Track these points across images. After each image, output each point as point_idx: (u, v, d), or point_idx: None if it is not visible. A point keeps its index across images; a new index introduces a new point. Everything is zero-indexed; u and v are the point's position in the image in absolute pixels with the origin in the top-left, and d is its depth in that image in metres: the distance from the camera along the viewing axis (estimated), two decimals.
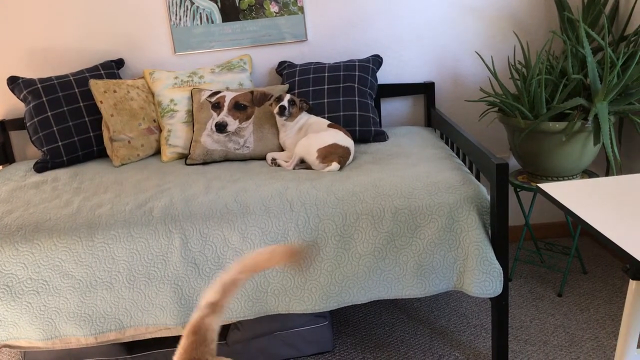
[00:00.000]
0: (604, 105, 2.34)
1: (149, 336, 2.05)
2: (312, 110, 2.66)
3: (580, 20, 2.48)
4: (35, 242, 1.98)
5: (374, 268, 2.00)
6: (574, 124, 2.37)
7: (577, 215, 1.34)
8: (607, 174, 2.95)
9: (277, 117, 2.55)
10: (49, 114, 2.66)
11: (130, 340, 2.07)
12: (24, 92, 2.70)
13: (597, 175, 2.73)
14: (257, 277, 2.00)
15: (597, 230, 1.25)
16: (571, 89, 2.46)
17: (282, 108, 2.49)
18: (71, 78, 2.76)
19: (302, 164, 2.41)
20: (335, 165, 2.29)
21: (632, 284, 1.40)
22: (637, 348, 1.47)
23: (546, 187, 1.53)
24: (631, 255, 1.12)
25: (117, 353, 2.23)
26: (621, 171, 2.88)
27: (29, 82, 2.72)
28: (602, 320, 2.44)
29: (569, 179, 2.59)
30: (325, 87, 2.72)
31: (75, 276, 1.98)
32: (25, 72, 2.98)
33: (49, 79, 2.74)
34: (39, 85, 2.70)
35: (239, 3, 2.92)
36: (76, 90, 2.73)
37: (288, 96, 2.52)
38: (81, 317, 1.99)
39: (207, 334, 1.21)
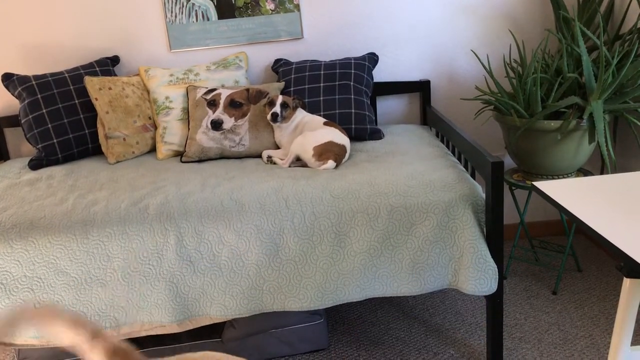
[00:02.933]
0: (599, 103, 2.35)
1: (144, 334, 2.04)
2: (305, 107, 2.65)
3: (575, 19, 2.49)
4: (29, 239, 1.98)
5: (369, 266, 2.01)
6: (569, 122, 2.38)
7: (571, 214, 1.34)
8: (601, 173, 2.97)
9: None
10: (44, 111, 2.65)
11: (126, 337, 2.06)
12: (19, 89, 2.69)
13: (591, 174, 2.74)
14: (252, 275, 2.00)
15: (591, 229, 1.25)
16: (566, 87, 2.46)
17: (275, 115, 2.47)
18: (66, 75, 2.75)
19: (298, 161, 2.41)
20: (331, 163, 2.29)
21: (627, 281, 1.41)
22: (631, 345, 1.48)
23: (541, 185, 1.53)
24: (625, 253, 1.12)
25: None
26: (616, 170, 2.89)
27: (23, 79, 2.70)
28: (596, 318, 2.45)
29: (563, 178, 2.60)
30: (321, 85, 2.72)
31: (70, 274, 1.98)
32: (20, 69, 2.97)
33: (44, 75, 2.72)
34: (33, 82, 2.69)
35: (234, 0, 2.91)
36: (71, 87, 2.72)
37: (280, 99, 2.50)
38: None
39: (122, 345, 1.09)
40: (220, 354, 1.17)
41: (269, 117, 2.49)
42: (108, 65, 2.88)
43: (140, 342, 2.24)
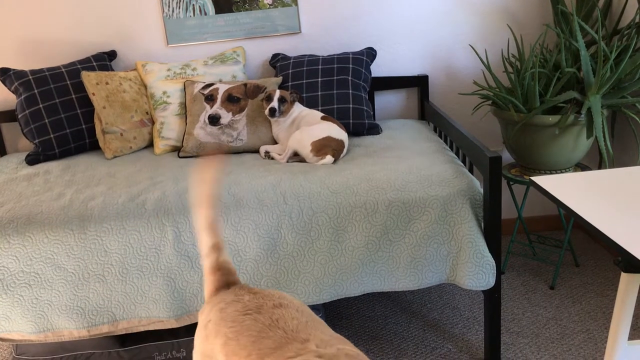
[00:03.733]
0: (597, 98, 2.35)
1: (142, 329, 2.04)
2: (303, 101, 2.65)
3: (574, 14, 2.48)
4: (27, 234, 1.97)
5: (367, 261, 2.01)
6: (567, 117, 2.38)
7: (569, 208, 1.34)
8: (599, 167, 2.97)
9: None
10: (41, 105, 2.64)
11: (123, 333, 2.06)
12: (15, 83, 2.68)
13: (589, 169, 2.74)
14: (250, 270, 2.00)
15: (589, 223, 1.25)
16: (564, 82, 2.46)
17: (272, 110, 2.47)
18: (63, 70, 2.74)
19: (296, 156, 2.41)
20: (329, 158, 2.29)
21: (624, 276, 1.41)
22: (628, 340, 1.48)
23: (539, 180, 1.53)
24: (623, 248, 1.12)
25: (110, 346, 2.23)
26: (613, 164, 2.89)
27: (20, 74, 2.69)
28: (594, 312, 2.45)
29: (561, 172, 2.60)
30: (319, 79, 2.72)
31: (68, 269, 1.97)
32: (17, 64, 2.95)
33: (41, 70, 2.71)
34: (30, 77, 2.68)
35: None
36: (68, 82, 2.71)
37: (278, 93, 2.50)
38: (73, 310, 1.99)
39: (227, 266, 1.43)
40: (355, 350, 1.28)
41: (266, 111, 2.49)
42: (105, 60, 2.87)
43: (139, 337, 2.24)
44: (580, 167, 2.71)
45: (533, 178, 1.54)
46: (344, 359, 1.10)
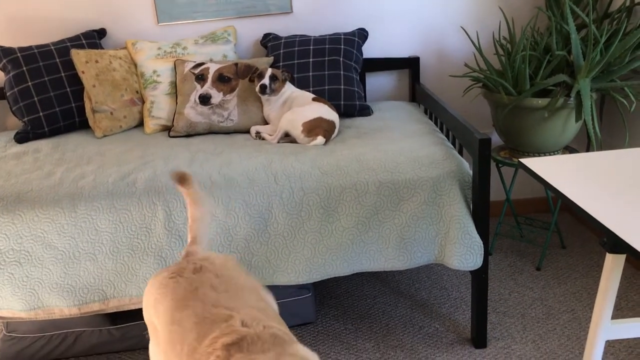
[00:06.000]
0: (587, 82, 2.36)
1: (132, 307, 2.06)
2: (294, 80, 2.65)
3: None
4: (17, 213, 1.97)
5: (357, 241, 2.03)
6: (557, 100, 2.39)
7: (557, 190, 1.36)
8: (587, 150, 2.99)
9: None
10: (30, 83, 2.62)
11: (114, 311, 2.07)
12: (4, 61, 2.65)
13: (577, 151, 2.76)
14: (241, 249, 2.01)
15: (576, 204, 1.27)
16: (555, 65, 2.47)
17: (263, 87, 2.46)
18: (52, 47, 2.71)
19: (287, 137, 2.41)
20: (320, 139, 2.29)
21: (609, 257, 1.44)
22: (612, 320, 1.51)
23: (527, 162, 1.55)
24: (609, 229, 1.15)
25: (100, 324, 2.24)
26: (601, 147, 2.92)
27: (8, 51, 2.66)
28: (579, 293, 2.49)
29: (550, 155, 2.62)
30: (311, 60, 2.71)
31: (58, 247, 1.98)
32: (5, 41, 2.92)
33: (29, 48, 2.68)
34: (18, 54, 2.65)
35: None
36: (57, 60, 2.68)
37: (269, 71, 2.49)
38: (64, 288, 1.99)
39: (191, 253, 1.53)
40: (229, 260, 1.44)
41: (257, 89, 2.48)
42: (94, 38, 2.84)
43: (129, 315, 2.26)
44: (569, 149, 2.73)
45: (522, 160, 1.56)
46: (268, 339, 1.10)
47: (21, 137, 2.61)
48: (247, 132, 2.60)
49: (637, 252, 1.06)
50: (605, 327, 1.50)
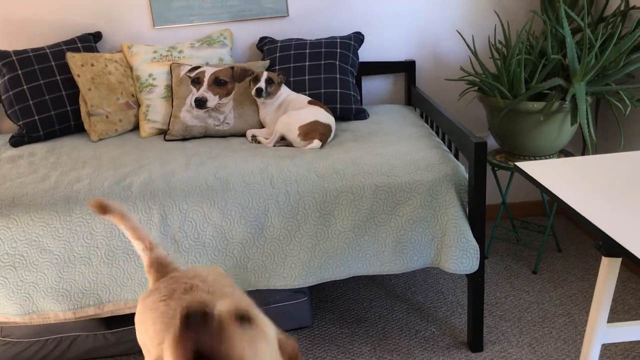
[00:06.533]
0: (582, 85, 2.37)
1: (128, 311, 2.05)
2: (289, 83, 2.65)
3: (560, 1, 2.49)
4: (11, 216, 1.96)
5: (353, 244, 2.02)
6: (552, 104, 2.40)
7: (552, 193, 1.36)
8: (583, 154, 3.00)
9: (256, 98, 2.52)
10: (25, 87, 2.61)
11: (110, 315, 2.07)
12: None
13: (573, 155, 2.77)
14: (237, 253, 2.00)
15: (572, 208, 1.27)
16: (550, 69, 2.48)
17: (259, 90, 2.46)
18: (47, 51, 2.70)
19: (283, 141, 2.41)
20: (316, 143, 2.29)
21: (605, 260, 1.44)
22: (607, 323, 1.51)
23: (523, 165, 1.55)
24: (604, 232, 1.15)
25: (96, 328, 2.23)
26: (597, 151, 2.93)
27: (3, 54, 2.65)
28: (575, 296, 2.50)
29: (546, 159, 2.62)
30: (307, 63, 2.71)
31: (53, 251, 1.97)
32: (0, 44, 2.91)
33: (25, 51, 2.68)
34: (14, 58, 2.64)
35: None
36: (53, 63, 2.68)
37: (265, 75, 2.48)
38: (59, 293, 1.98)
39: (160, 261, 1.53)
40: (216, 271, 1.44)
41: (253, 92, 2.48)
42: (90, 42, 2.83)
43: (125, 320, 2.25)
44: (564, 153, 2.74)
45: (517, 164, 1.56)
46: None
47: (16, 141, 2.60)
48: (243, 135, 2.59)
49: (632, 256, 1.06)
50: (601, 331, 1.50)
